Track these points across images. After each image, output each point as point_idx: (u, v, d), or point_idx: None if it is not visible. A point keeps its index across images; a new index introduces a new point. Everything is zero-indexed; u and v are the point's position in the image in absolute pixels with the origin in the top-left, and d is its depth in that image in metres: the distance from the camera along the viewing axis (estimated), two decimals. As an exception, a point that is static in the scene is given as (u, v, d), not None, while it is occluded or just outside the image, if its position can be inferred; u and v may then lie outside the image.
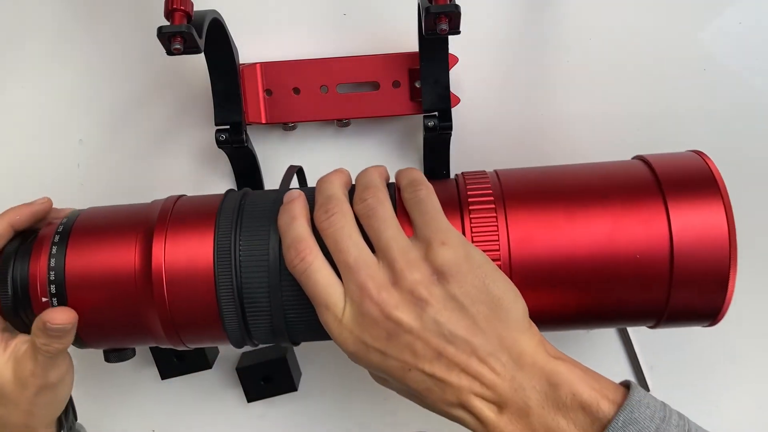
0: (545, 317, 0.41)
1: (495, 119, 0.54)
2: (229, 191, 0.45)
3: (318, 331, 0.40)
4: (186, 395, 0.60)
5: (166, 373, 0.57)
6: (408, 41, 0.52)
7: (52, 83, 0.56)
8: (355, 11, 0.54)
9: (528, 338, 0.37)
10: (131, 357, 0.46)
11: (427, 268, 0.36)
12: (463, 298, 0.36)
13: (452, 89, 0.49)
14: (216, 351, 0.59)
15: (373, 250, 0.38)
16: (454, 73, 0.51)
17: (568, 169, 0.43)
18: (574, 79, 0.54)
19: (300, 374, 0.59)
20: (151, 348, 0.56)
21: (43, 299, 0.42)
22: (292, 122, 0.54)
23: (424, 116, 0.49)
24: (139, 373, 0.60)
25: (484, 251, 0.38)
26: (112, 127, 0.57)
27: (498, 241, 0.39)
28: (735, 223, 0.39)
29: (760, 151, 0.55)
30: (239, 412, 0.60)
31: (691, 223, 0.39)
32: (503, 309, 0.36)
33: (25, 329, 0.44)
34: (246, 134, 0.51)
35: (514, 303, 0.37)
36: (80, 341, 0.44)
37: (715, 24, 0.53)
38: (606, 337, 0.58)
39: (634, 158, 0.44)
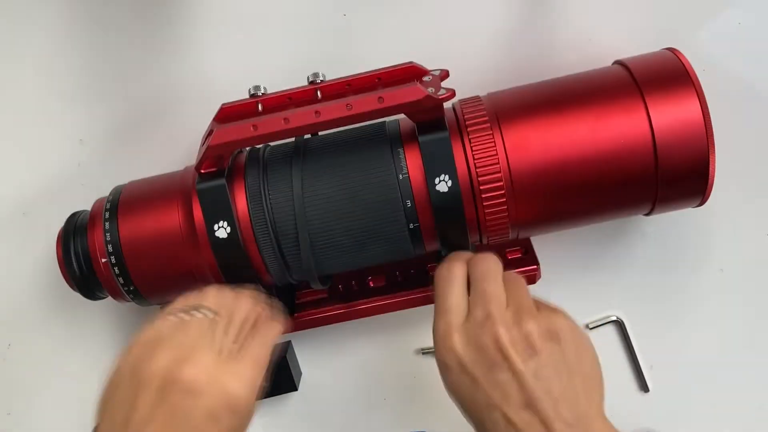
0: (548, 217, 0.46)
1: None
2: (252, 147, 0.49)
3: (342, 259, 0.46)
4: (186, 395, 0.60)
5: (166, 373, 0.57)
6: (410, 39, 0.52)
7: (53, 83, 0.56)
8: (356, 11, 0.54)
9: (602, 424, 0.38)
10: None
11: (544, 325, 0.39)
12: (569, 363, 0.39)
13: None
14: (216, 351, 0.59)
15: None
16: (454, 73, 0.51)
17: (553, 82, 0.48)
18: (574, 79, 0.55)
19: (300, 374, 0.59)
20: (151, 348, 0.56)
21: (103, 260, 0.48)
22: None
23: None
24: (139, 373, 0.60)
25: (484, 166, 0.44)
26: (112, 127, 0.57)
27: (497, 155, 0.44)
28: (709, 111, 0.43)
29: (759, 150, 0.55)
30: (239, 412, 0.60)
31: (668, 110, 0.43)
32: (595, 389, 0.39)
33: (94, 297, 0.51)
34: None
35: (601, 387, 0.40)
36: (141, 298, 0.49)
37: (715, 24, 0.54)
38: (606, 336, 0.58)
39: (613, 63, 0.49)
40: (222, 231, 0.45)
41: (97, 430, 0.40)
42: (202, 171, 0.46)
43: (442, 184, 0.44)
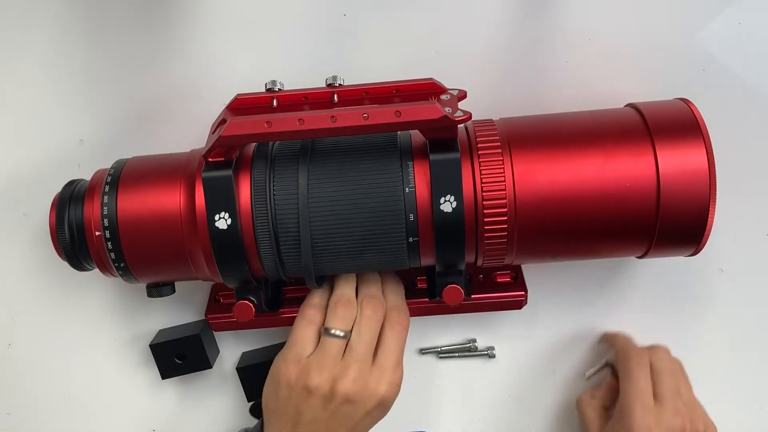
0: (545, 249, 0.47)
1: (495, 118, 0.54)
2: (253, 164, 0.48)
3: (339, 262, 0.47)
4: (186, 395, 0.60)
5: (166, 373, 0.57)
6: (409, 38, 0.52)
7: (52, 83, 0.56)
8: (355, 11, 0.54)
9: None
10: (170, 294, 0.51)
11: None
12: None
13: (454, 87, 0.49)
14: (216, 351, 0.59)
15: None
16: (455, 73, 0.51)
17: (567, 116, 0.48)
18: (574, 79, 0.54)
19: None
20: (151, 347, 0.56)
21: (96, 233, 0.47)
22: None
23: None
24: (139, 373, 0.60)
25: (492, 190, 0.44)
26: (112, 127, 0.57)
27: (504, 181, 0.45)
28: (715, 161, 0.44)
29: (759, 150, 0.55)
30: (239, 412, 0.60)
31: (675, 159, 0.44)
32: None
33: (81, 268, 0.50)
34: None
35: None
36: (129, 275, 0.49)
37: (715, 24, 0.53)
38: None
39: (625, 106, 0.49)
40: (222, 222, 0.45)
41: (269, 412, 0.49)
42: (210, 159, 0.45)
43: (447, 204, 0.44)
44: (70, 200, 0.49)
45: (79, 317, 0.59)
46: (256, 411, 0.57)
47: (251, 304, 0.49)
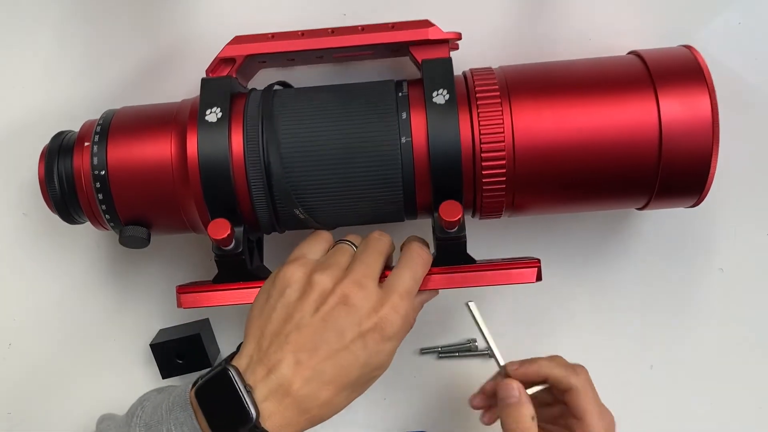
0: (544, 197, 0.46)
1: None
2: (252, 90, 0.49)
3: (326, 176, 0.45)
4: (186, 395, 0.60)
5: (166, 373, 0.57)
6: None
7: (53, 82, 0.56)
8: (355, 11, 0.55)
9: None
10: (137, 236, 0.48)
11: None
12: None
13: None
14: (216, 351, 0.59)
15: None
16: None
17: (568, 64, 0.48)
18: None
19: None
20: (151, 347, 0.56)
21: (87, 183, 0.47)
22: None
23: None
24: (139, 373, 0.60)
25: (490, 141, 0.44)
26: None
27: (503, 132, 0.44)
28: (718, 108, 0.43)
29: (759, 150, 0.55)
30: (239, 412, 0.60)
31: (678, 105, 0.43)
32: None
33: (72, 221, 0.49)
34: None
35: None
36: (120, 225, 0.48)
37: (715, 24, 0.54)
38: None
39: (628, 53, 0.49)
40: (213, 116, 0.45)
41: (251, 321, 0.44)
42: (212, 75, 0.47)
43: (440, 97, 0.45)
44: (59, 151, 0.48)
45: (79, 317, 0.59)
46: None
47: (229, 223, 0.46)
